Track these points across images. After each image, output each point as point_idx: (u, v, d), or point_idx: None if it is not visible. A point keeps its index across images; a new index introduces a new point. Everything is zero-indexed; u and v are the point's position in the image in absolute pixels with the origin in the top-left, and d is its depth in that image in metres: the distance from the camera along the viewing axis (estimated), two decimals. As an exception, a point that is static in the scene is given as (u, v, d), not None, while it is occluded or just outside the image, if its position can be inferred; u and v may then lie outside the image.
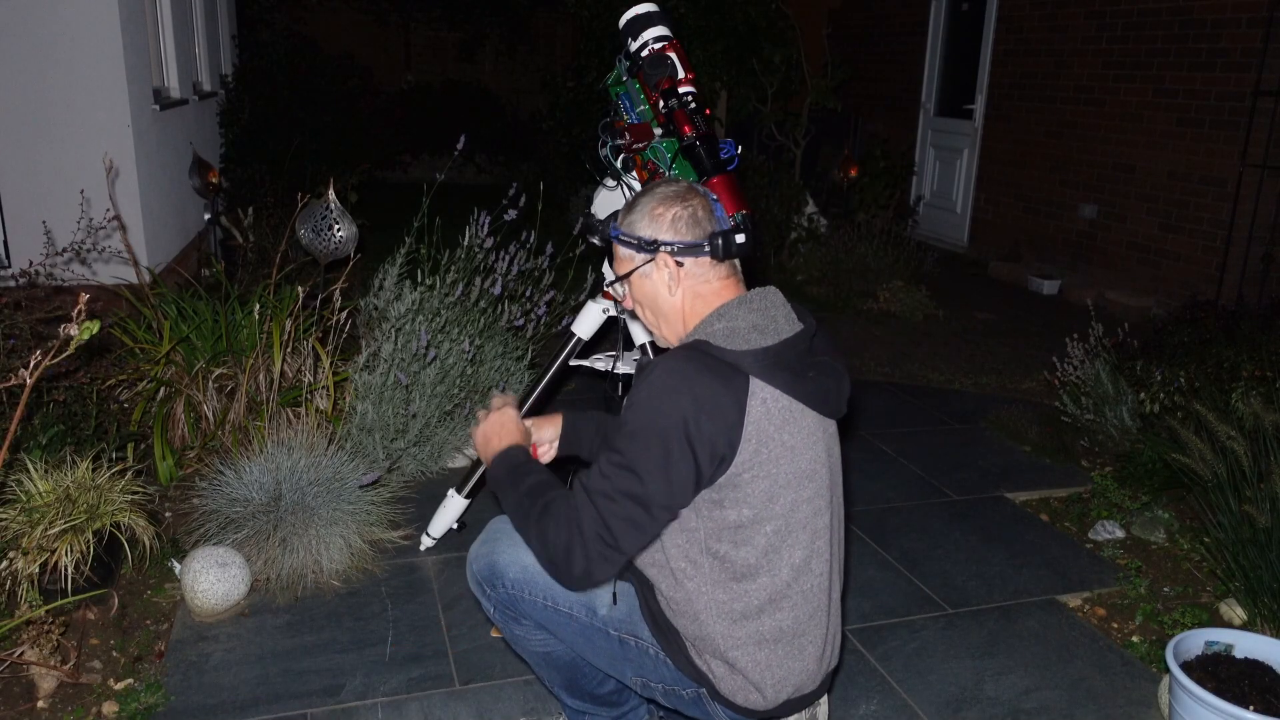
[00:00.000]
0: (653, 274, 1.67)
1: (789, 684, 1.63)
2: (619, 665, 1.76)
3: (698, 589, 1.59)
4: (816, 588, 1.63)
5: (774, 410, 1.53)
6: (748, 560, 1.57)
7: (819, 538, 1.63)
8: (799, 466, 1.57)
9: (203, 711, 2.21)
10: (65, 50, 4.32)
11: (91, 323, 1.60)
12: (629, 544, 1.53)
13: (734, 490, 1.53)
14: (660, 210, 1.64)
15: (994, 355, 5.33)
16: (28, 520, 2.37)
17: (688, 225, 1.63)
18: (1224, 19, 5.79)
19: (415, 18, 12.61)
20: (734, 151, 2.30)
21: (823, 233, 6.91)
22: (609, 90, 2.53)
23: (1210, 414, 2.72)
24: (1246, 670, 2.17)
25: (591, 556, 1.51)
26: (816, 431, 1.62)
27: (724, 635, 1.60)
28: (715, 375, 1.50)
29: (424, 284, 3.51)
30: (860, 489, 3.54)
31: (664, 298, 1.67)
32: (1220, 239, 5.88)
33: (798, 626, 1.61)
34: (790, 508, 1.57)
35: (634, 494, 1.50)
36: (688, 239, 1.63)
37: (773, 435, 1.53)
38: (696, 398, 1.48)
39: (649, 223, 1.65)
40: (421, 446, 3.39)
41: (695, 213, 1.64)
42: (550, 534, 1.54)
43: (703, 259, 1.64)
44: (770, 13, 7.24)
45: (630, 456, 1.50)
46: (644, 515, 1.51)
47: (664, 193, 1.67)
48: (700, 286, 1.65)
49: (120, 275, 3.87)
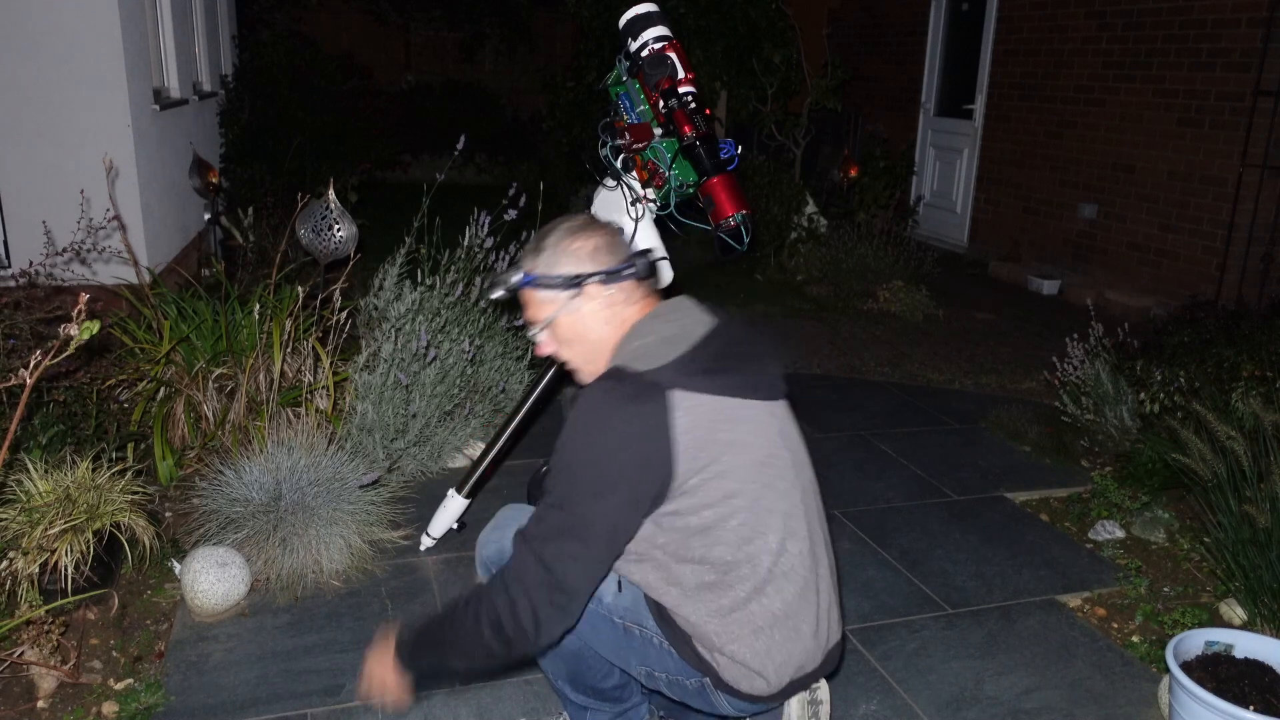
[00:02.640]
0: (581, 309, 1.67)
1: (790, 665, 1.65)
2: (624, 654, 1.77)
3: (681, 595, 1.62)
4: (799, 566, 1.64)
5: (703, 414, 1.55)
6: (723, 558, 1.58)
7: (791, 517, 1.64)
8: (749, 458, 1.59)
9: (203, 711, 2.21)
10: (65, 50, 4.32)
11: (91, 323, 1.60)
12: (573, 580, 1.53)
13: (689, 498, 1.55)
14: (577, 245, 1.65)
15: (994, 355, 5.33)
16: (28, 520, 2.37)
17: (607, 252, 1.65)
18: (1224, 19, 5.79)
19: (415, 18, 12.61)
20: (734, 151, 2.30)
21: (823, 233, 6.91)
22: (609, 90, 2.53)
23: (1210, 414, 2.72)
24: (1246, 670, 2.16)
25: (539, 605, 1.52)
26: (760, 418, 1.63)
27: (718, 632, 1.61)
28: (632, 400, 1.52)
29: (424, 284, 3.51)
30: (860, 489, 3.54)
31: (595, 329, 1.68)
32: (1220, 239, 5.88)
33: (788, 608, 1.63)
34: (753, 499, 1.59)
35: (568, 530, 1.52)
36: (611, 265, 1.64)
37: (709, 439, 1.55)
38: (617, 428, 1.51)
39: (568, 259, 1.65)
40: (421, 446, 3.39)
41: (610, 239, 1.66)
42: (490, 607, 1.54)
43: (626, 283, 1.66)
44: (770, 13, 7.24)
45: (560, 495, 1.53)
46: (583, 550, 1.53)
47: (570, 227, 1.68)
48: (626, 311, 1.67)
49: (120, 275, 3.87)
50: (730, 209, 2.27)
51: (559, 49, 12.66)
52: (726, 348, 1.63)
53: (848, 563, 3.01)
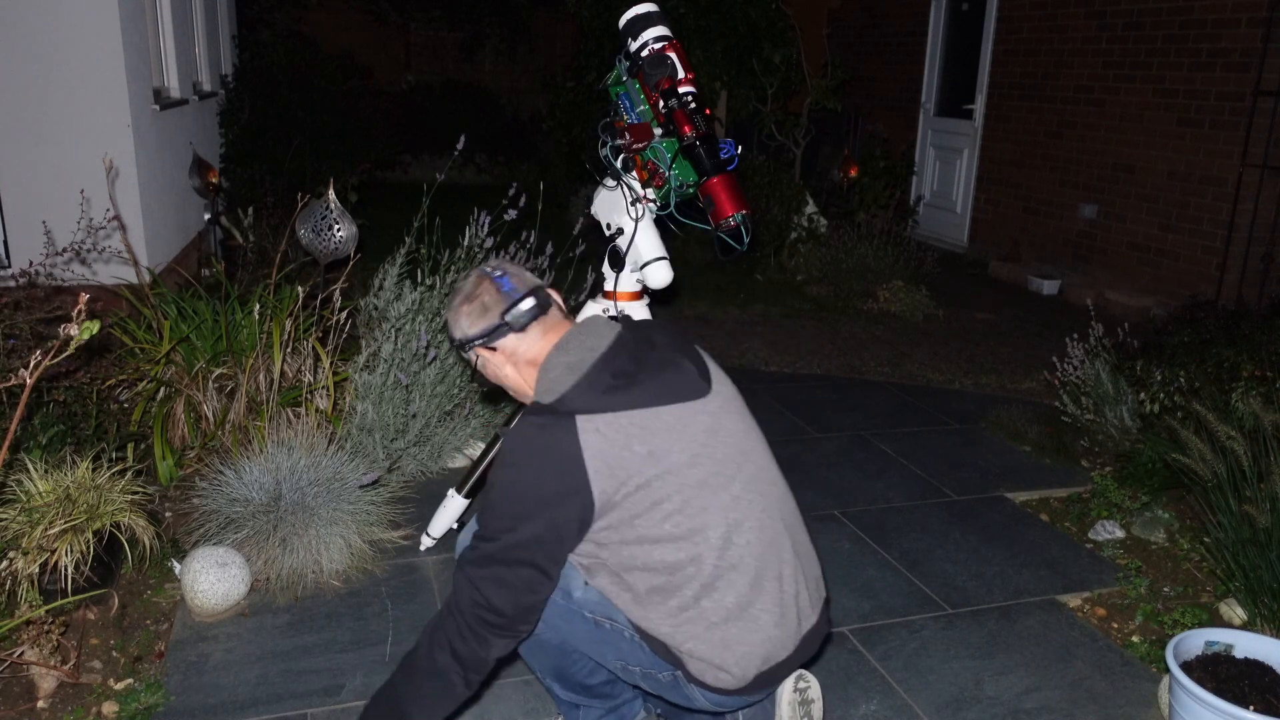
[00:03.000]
0: (486, 364, 1.78)
1: (755, 657, 1.65)
2: (599, 648, 1.79)
3: (633, 600, 1.66)
4: (748, 556, 1.64)
5: (612, 433, 1.58)
6: (665, 559, 1.61)
7: (733, 510, 1.65)
8: (672, 462, 1.61)
9: (203, 711, 2.22)
10: (65, 50, 4.32)
11: (91, 323, 1.60)
12: (502, 604, 1.60)
13: (617, 512, 1.59)
14: (456, 313, 1.75)
15: (994, 355, 5.33)
16: (28, 520, 2.37)
17: (480, 316, 1.72)
18: (1224, 19, 5.79)
19: (415, 18, 12.60)
20: (734, 151, 2.30)
21: (823, 233, 6.91)
22: (609, 90, 2.53)
23: (1210, 414, 2.72)
24: (1246, 670, 2.17)
25: (475, 624, 1.61)
26: (684, 421, 1.64)
27: (672, 634, 1.64)
28: (541, 431, 1.60)
29: (424, 284, 3.51)
30: (860, 489, 3.54)
31: (504, 377, 1.78)
32: (1220, 239, 5.88)
33: (742, 600, 1.64)
34: (684, 500, 1.61)
35: (494, 557, 1.60)
36: (483, 328, 1.72)
37: (623, 455, 1.58)
38: (532, 461, 1.60)
39: (454, 327, 1.76)
40: (421, 446, 3.39)
41: (482, 302, 1.72)
42: (439, 641, 1.64)
43: (508, 337, 1.72)
44: (770, 13, 7.24)
45: (487, 526, 1.62)
46: (509, 575, 1.60)
47: (458, 293, 1.77)
48: (527, 354, 1.73)
49: (120, 275, 3.87)
50: (730, 209, 2.27)
51: (559, 49, 12.66)
52: (629, 362, 1.66)
53: (848, 563, 3.01)
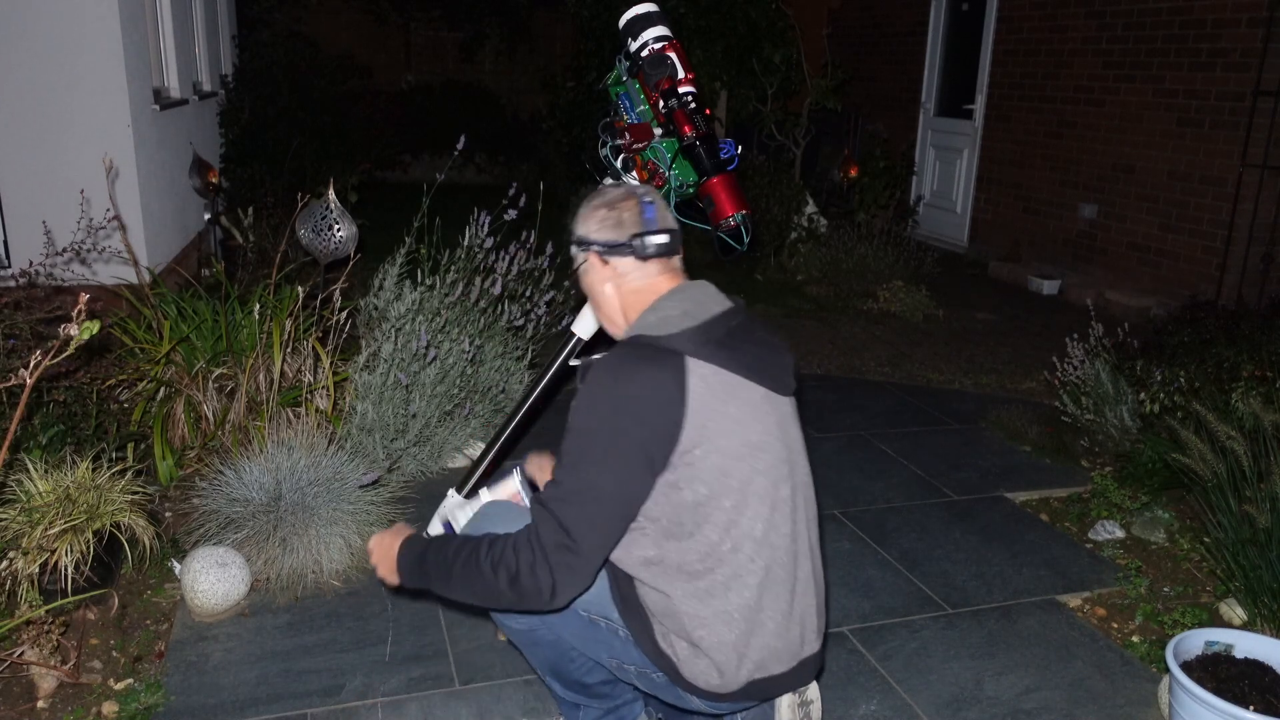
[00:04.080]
0: (589, 270, 1.79)
1: (750, 660, 1.63)
2: (594, 646, 1.79)
3: (663, 573, 1.62)
4: (776, 562, 1.64)
5: (714, 384, 1.58)
6: (710, 537, 1.59)
7: (778, 510, 1.64)
8: (748, 438, 1.61)
9: (203, 711, 2.21)
10: (65, 50, 4.32)
11: (91, 323, 1.60)
12: (589, 543, 1.55)
13: (688, 469, 1.56)
14: (590, 212, 1.77)
15: (994, 355, 5.33)
16: (28, 520, 2.37)
17: (612, 226, 1.73)
18: (1224, 19, 5.79)
19: (415, 18, 12.60)
20: (734, 151, 2.30)
21: (823, 233, 6.92)
22: (609, 90, 2.53)
23: (1210, 414, 2.72)
24: (1246, 670, 2.17)
25: (555, 566, 1.54)
26: (764, 406, 1.65)
27: (690, 615, 1.62)
28: (649, 361, 1.57)
29: (424, 284, 3.51)
30: (860, 489, 3.54)
31: (599, 292, 1.79)
32: (1220, 239, 5.88)
33: (758, 601, 1.63)
34: (744, 480, 1.60)
35: (586, 490, 1.54)
36: (609, 238, 1.74)
37: (716, 409, 1.57)
38: (633, 386, 1.55)
39: (582, 223, 1.78)
40: (421, 446, 3.39)
41: (620, 215, 1.73)
42: (509, 559, 1.57)
43: (628, 258, 1.73)
44: (770, 13, 7.24)
45: (576, 456, 1.56)
46: (598, 510, 1.55)
47: (600, 196, 1.78)
48: (633, 283, 1.75)
49: (120, 275, 3.87)
50: (730, 209, 2.27)
51: (559, 49, 12.66)
52: (741, 329, 1.68)
53: (848, 563, 3.01)
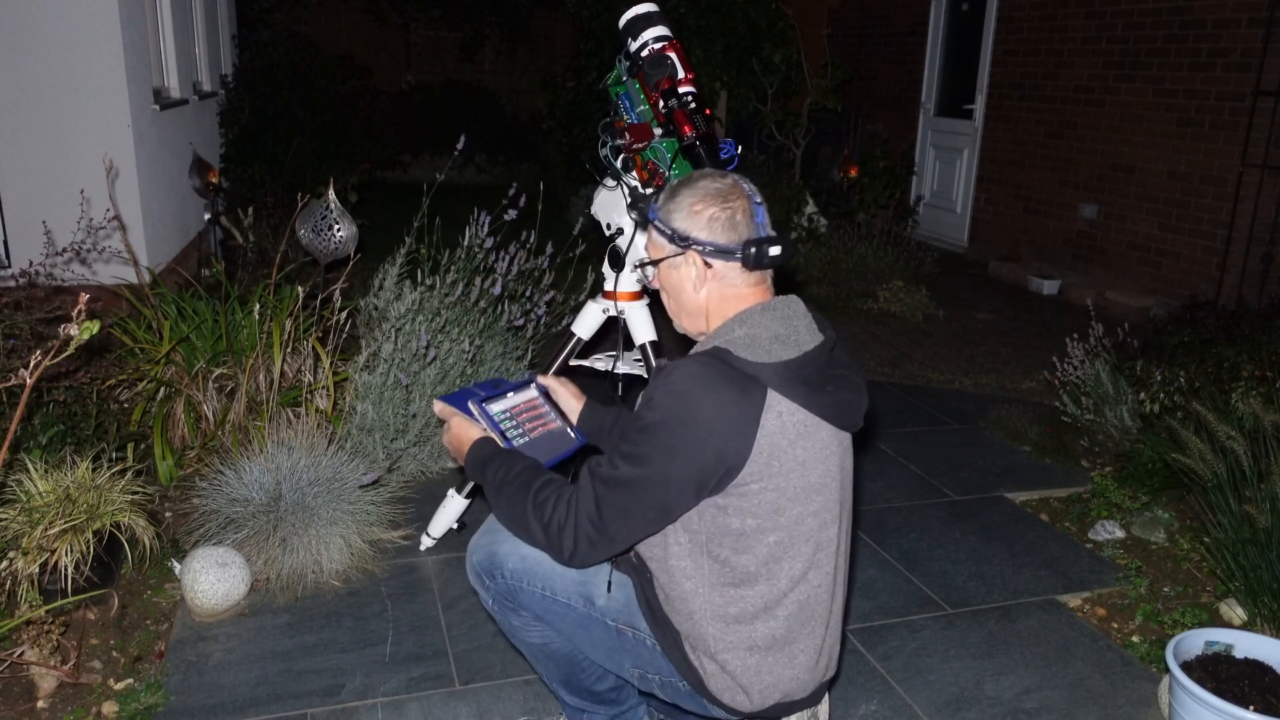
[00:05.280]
0: (681, 267, 1.65)
1: (777, 690, 1.64)
2: (617, 657, 1.77)
3: (695, 589, 1.60)
4: (813, 599, 1.63)
5: (789, 424, 1.53)
6: (747, 567, 1.57)
7: (822, 550, 1.63)
8: (809, 480, 1.57)
9: (203, 711, 2.21)
10: (65, 51, 4.32)
11: (91, 323, 1.59)
12: (617, 531, 1.55)
13: (740, 499, 1.53)
14: (699, 207, 1.61)
15: (994, 355, 5.33)
16: (28, 520, 2.37)
17: (724, 228, 1.60)
18: (1224, 19, 5.79)
19: (415, 18, 12.60)
20: (734, 151, 2.30)
21: (823, 233, 6.91)
22: (609, 90, 2.53)
23: (1210, 414, 2.72)
24: (1246, 670, 2.17)
25: (579, 537, 1.56)
26: (830, 445, 1.61)
27: (716, 637, 1.61)
28: (733, 385, 1.50)
29: (424, 284, 3.51)
30: (860, 489, 3.54)
31: (688, 293, 1.66)
32: (1220, 239, 5.88)
33: (790, 635, 1.62)
34: (795, 520, 1.57)
35: (631, 484, 1.52)
36: (720, 242, 1.60)
37: (785, 449, 1.53)
38: (712, 405, 1.48)
39: (686, 217, 1.62)
40: (421, 446, 3.39)
41: (734, 216, 1.60)
42: (549, 509, 1.59)
43: (733, 264, 1.61)
44: (770, 13, 7.24)
45: (638, 449, 1.52)
46: (637, 507, 1.54)
47: (706, 188, 1.63)
48: (727, 289, 1.64)
49: (120, 275, 3.87)
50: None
51: (559, 49, 12.67)
52: (829, 366, 1.61)
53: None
